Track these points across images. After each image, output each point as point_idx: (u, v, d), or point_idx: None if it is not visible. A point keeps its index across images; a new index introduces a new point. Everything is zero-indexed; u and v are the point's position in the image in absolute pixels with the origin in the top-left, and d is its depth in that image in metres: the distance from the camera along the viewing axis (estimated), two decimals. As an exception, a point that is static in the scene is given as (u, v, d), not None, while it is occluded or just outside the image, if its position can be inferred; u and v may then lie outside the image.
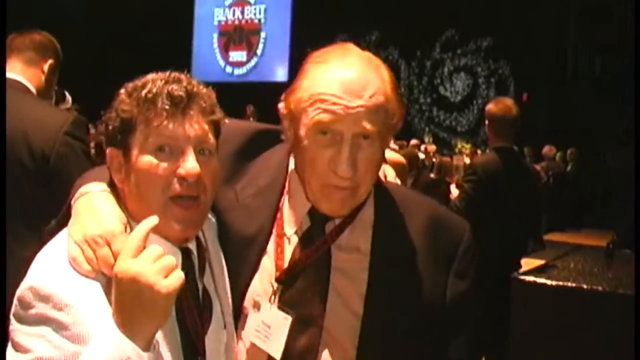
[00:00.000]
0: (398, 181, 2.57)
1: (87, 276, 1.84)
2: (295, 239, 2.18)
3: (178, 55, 23.22)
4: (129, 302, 1.75)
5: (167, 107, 1.90)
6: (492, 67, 20.04)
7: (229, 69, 24.44)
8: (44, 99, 3.80)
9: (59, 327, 1.78)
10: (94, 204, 1.96)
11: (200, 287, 2.04)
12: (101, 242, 1.85)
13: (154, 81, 1.94)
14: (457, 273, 2.22)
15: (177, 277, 1.78)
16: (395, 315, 2.13)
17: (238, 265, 2.19)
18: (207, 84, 2.04)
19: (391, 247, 2.17)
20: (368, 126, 2.00)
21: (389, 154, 5.29)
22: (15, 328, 1.84)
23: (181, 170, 1.89)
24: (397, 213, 2.22)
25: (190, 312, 1.97)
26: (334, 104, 1.99)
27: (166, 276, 1.76)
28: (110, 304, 1.84)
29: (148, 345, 1.76)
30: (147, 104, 1.89)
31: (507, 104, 6.19)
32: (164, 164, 1.90)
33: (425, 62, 21.12)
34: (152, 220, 1.83)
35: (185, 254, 2.00)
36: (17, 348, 1.82)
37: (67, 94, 6.14)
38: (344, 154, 2.00)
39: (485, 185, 5.72)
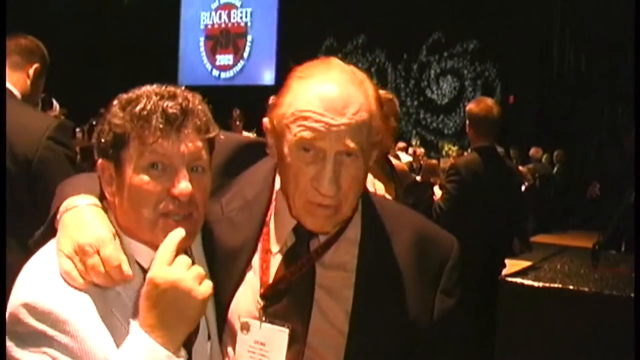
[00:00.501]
0: (379, 186, 2.54)
1: (80, 289, 1.84)
2: (280, 256, 2.17)
3: (165, 59, 23.21)
4: (165, 307, 1.78)
5: (161, 125, 1.88)
6: (478, 69, 20.09)
7: (215, 73, 24.41)
8: (29, 104, 3.78)
9: (59, 344, 1.77)
10: (81, 217, 1.94)
11: None
12: (91, 250, 1.84)
13: (148, 96, 1.92)
14: (445, 290, 2.21)
15: (209, 286, 1.83)
16: (381, 333, 2.12)
17: (222, 278, 2.18)
18: (193, 88, 2.03)
19: (377, 264, 2.15)
20: (351, 144, 1.97)
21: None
22: (12, 346, 1.83)
23: (174, 191, 1.89)
24: (384, 230, 2.20)
25: None
26: (317, 121, 1.97)
27: (200, 284, 1.81)
28: (103, 315, 1.84)
29: (178, 351, 1.79)
30: (141, 121, 1.88)
31: (488, 103, 6.20)
32: (157, 183, 1.89)
33: (412, 65, 21.15)
34: (180, 232, 1.86)
35: None
36: None
37: (54, 101, 6.12)
38: (327, 171, 1.98)
39: (468, 185, 5.73)
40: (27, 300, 1.79)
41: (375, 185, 2.45)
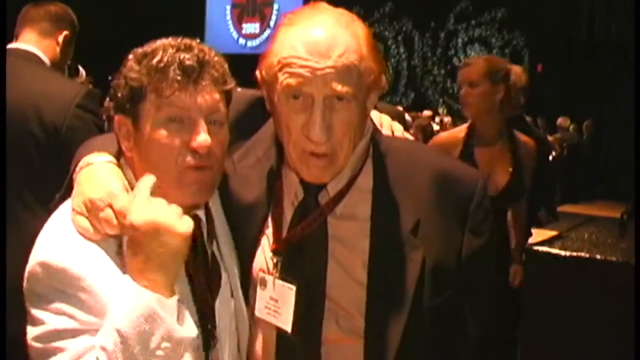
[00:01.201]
0: (397, 127, 2.44)
1: (96, 242, 1.85)
2: (290, 211, 2.17)
3: (191, 27, 23.17)
4: (147, 248, 1.77)
5: (178, 77, 1.88)
6: (506, 37, 19.89)
7: (242, 41, 24.35)
8: (57, 71, 3.80)
9: (76, 300, 1.79)
10: (94, 173, 1.95)
11: (209, 253, 2.04)
12: (102, 204, 1.85)
13: (164, 49, 1.91)
14: (472, 229, 2.13)
15: (190, 221, 1.82)
16: (401, 282, 2.09)
17: (242, 234, 2.19)
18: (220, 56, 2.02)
19: (393, 211, 2.10)
20: (339, 87, 1.93)
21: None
22: (29, 302, 1.85)
23: (193, 143, 1.89)
24: (400, 173, 2.13)
25: (199, 278, 1.97)
26: (301, 66, 1.93)
27: (181, 218, 1.81)
28: (121, 265, 1.85)
29: (170, 292, 1.78)
30: (157, 74, 1.87)
31: (516, 71, 6.14)
32: (176, 136, 1.89)
33: (439, 33, 20.96)
34: (152, 178, 1.86)
35: (194, 221, 2.00)
36: (34, 322, 1.84)
37: (80, 68, 6.13)
38: (316, 117, 1.94)
39: None
40: (42, 259, 1.81)
41: (385, 123, 2.37)
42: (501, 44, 19.99)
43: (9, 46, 3.69)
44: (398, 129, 2.37)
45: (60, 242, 1.84)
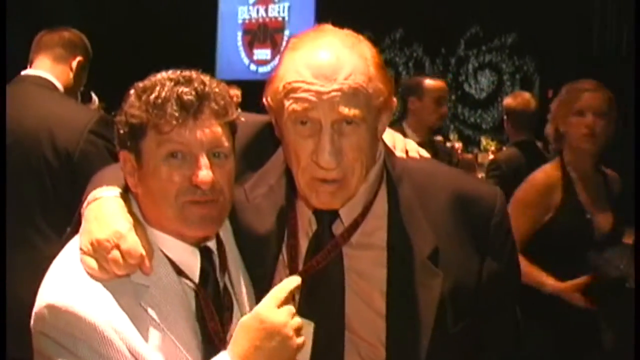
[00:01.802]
0: (411, 147, 2.38)
1: (104, 285, 1.85)
2: (305, 242, 2.15)
3: (202, 54, 23.20)
4: (262, 345, 1.85)
5: (176, 113, 1.87)
6: (517, 63, 19.80)
7: (253, 67, 24.31)
8: (70, 97, 3.81)
9: (82, 343, 1.79)
10: (102, 210, 1.95)
11: (221, 285, 2.04)
12: (109, 245, 1.85)
13: (162, 83, 1.90)
14: (492, 252, 2.10)
15: (303, 339, 1.96)
16: (421, 311, 2.06)
17: (255, 267, 2.17)
18: (231, 82, 2.01)
19: (410, 238, 2.06)
20: (346, 110, 1.90)
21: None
22: (37, 342, 1.85)
23: (195, 179, 1.88)
24: (415, 196, 2.09)
25: (210, 312, 1.97)
26: (307, 91, 1.92)
27: (298, 335, 1.93)
28: (129, 310, 1.85)
29: None
30: (156, 110, 1.87)
31: (525, 97, 6.23)
32: (177, 173, 1.89)
33: (450, 59, 20.89)
34: (296, 280, 1.97)
35: (205, 253, 2.00)
36: None
37: (93, 94, 6.14)
38: (324, 143, 1.92)
39: (510, 180, 5.67)
40: (50, 301, 1.81)
41: (398, 143, 2.32)
42: (512, 70, 19.91)
43: (24, 72, 3.74)
44: (412, 148, 2.32)
45: (67, 284, 1.84)
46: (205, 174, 1.89)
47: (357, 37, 2.06)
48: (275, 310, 1.88)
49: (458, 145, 16.39)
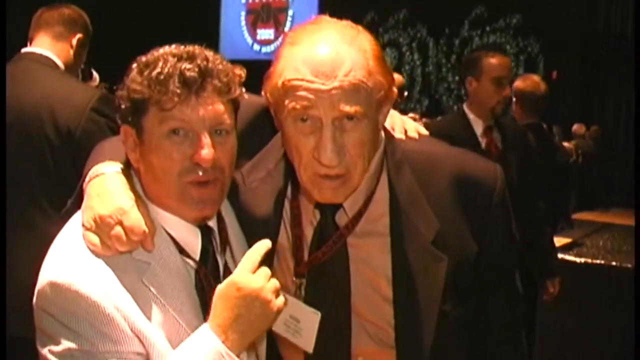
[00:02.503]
0: (410, 126, 2.33)
1: (106, 262, 1.84)
2: (310, 230, 2.14)
3: (206, 34, 23.21)
4: (242, 313, 1.81)
5: (178, 89, 1.83)
6: (521, 44, 19.78)
7: (256, 47, 24.34)
8: (71, 74, 3.80)
9: (84, 321, 1.79)
10: (104, 186, 1.92)
11: (221, 264, 2.03)
12: (112, 221, 1.83)
13: (165, 59, 1.87)
14: (492, 231, 2.12)
15: (283, 300, 1.88)
16: (427, 294, 2.07)
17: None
18: (234, 62, 1.99)
19: (413, 224, 2.05)
20: (347, 108, 1.86)
21: None
22: (39, 319, 1.85)
23: (196, 157, 1.87)
24: (416, 181, 2.08)
25: (211, 290, 1.96)
26: (306, 89, 1.88)
27: (277, 296, 1.86)
28: (132, 287, 1.84)
29: (240, 354, 1.84)
30: (158, 86, 1.84)
31: (535, 79, 6.14)
32: (179, 150, 1.87)
33: (454, 39, 20.87)
34: (267, 243, 1.92)
35: (205, 231, 1.99)
36: (45, 339, 1.85)
37: (94, 72, 6.13)
38: (326, 141, 1.89)
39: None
40: (52, 279, 1.80)
41: (397, 124, 2.29)
42: (516, 51, 19.89)
43: (24, 50, 3.71)
44: (411, 128, 2.29)
45: (69, 261, 1.83)
46: (206, 152, 1.87)
47: (356, 29, 2.01)
48: (250, 275, 1.85)
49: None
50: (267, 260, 2.11)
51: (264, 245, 1.92)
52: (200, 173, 1.89)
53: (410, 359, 2.11)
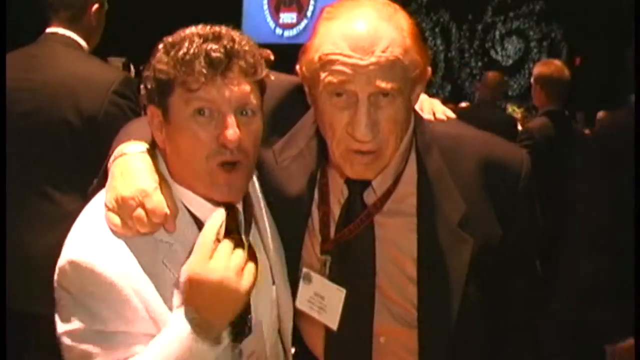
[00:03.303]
0: (438, 108, 2.34)
1: (127, 242, 1.86)
2: (337, 208, 2.15)
3: (228, 18, 23.10)
4: (209, 303, 1.80)
5: (204, 70, 1.84)
6: (544, 30, 19.62)
7: (279, 31, 24.26)
8: (93, 45, 3.80)
9: (102, 302, 1.81)
10: (128, 166, 1.94)
11: (245, 243, 2.04)
12: (134, 203, 1.85)
13: (191, 39, 1.88)
14: (517, 216, 2.14)
15: (251, 272, 1.84)
16: (452, 275, 2.08)
17: (285, 225, 2.18)
18: (258, 46, 1.99)
19: (440, 203, 2.06)
20: (383, 84, 1.88)
21: None
22: (58, 296, 1.87)
23: (222, 138, 1.87)
24: (444, 162, 2.10)
25: None
26: (343, 64, 1.89)
27: (242, 274, 1.82)
28: (152, 267, 1.86)
29: (219, 337, 1.83)
30: (184, 67, 1.84)
31: (558, 64, 6.06)
32: (205, 130, 1.87)
33: (477, 25, 20.74)
34: (220, 215, 1.88)
35: (230, 212, 2.00)
36: (62, 317, 1.88)
37: (131, 66, 6.12)
38: (361, 116, 1.90)
39: (543, 150, 5.59)
40: (73, 257, 1.82)
41: (425, 106, 2.31)
42: (539, 36, 19.74)
43: (47, 30, 3.69)
44: (439, 110, 2.30)
45: (90, 240, 1.85)
46: (232, 132, 1.87)
47: (393, 7, 2.02)
48: (207, 265, 1.79)
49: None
50: (298, 238, 2.13)
51: (217, 218, 1.89)
52: (227, 154, 1.90)
53: (431, 340, 2.13)
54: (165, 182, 1.94)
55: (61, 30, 3.73)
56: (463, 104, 15.89)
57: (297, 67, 2.06)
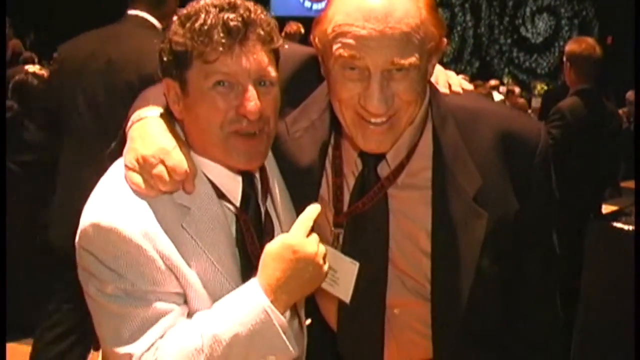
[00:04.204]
0: (454, 81, 2.31)
1: (148, 203, 1.87)
2: (351, 181, 2.14)
3: (257, -10, 23.10)
4: (294, 274, 1.87)
5: (223, 40, 1.83)
6: (576, 8, 19.41)
7: (307, 4, 24.17)
8: (166, 24, 4.12)
9: (123, 261, 1.83)
10: (147, 128, 1.95)
11: (262, 210, 2.05)
12: (154, 161, 1.85)
13: (207, 10, 1.86)
14: (532, 190, 2.11)
15: (328, 266, 1.95)
16: (466, 249, 2.07)
17: (298, 197, 2.17)
18: (285, 19, 1.98)
19: (455, 177, 2.05)
20: (397, 59, 1.86)
21: None
22: (81, 258, 1.89)
23: (242, 110, 1.87)
24: (460, 135, 2.08)
25: (250, 236, 1.99)
26: (356, 35, 1.85)
27: (325, 262, 1.93)
28: (172, 229, 1.87)
29: (284, 313, 1.89)
30: (201, 37, 1.83)
31: (590, 42, 5.96)
32: (224, 101, 1.87)
33: (508, 1, 20.57)
34: (317, 207, 1.96)
35: (246, 178, 2.00)
36: (87, 278, 1.91)
37: None
38: (373, 90, 1.88)
39: (574, 130, 5.53)
40: (94, 220, 1.84)
41: (440, 79, 2.26)
42: (570, 14, 19.54)
43: (128, 12, 4.21)
44: (455, 82, 2.27)
45: (112, 202, 1.87)
46: (253, 104, 1.87)
47: None
48: (305, 239, 1.87)
49: (517, 90, 15.95)
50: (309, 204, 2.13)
51: (315, 209, 1.94)
52: (244, 124, 1.90)
53: (445, 313, 2.13)
54: (183, 144, 1.95)
55: (140, 13, 4.18)
56: (493, 82, 15.79)
57: (311, 37, 2.05)
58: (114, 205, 1.86)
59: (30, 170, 5.63)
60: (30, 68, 7.01)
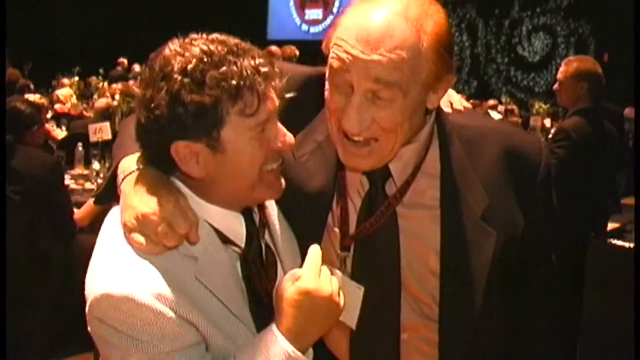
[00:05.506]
0: (455, 99, 2.27)
1: (156, 262, 1.81)
2: (358, 202, 2.12)
3: (254, 14, 23.18)
4: (314, 318, 1.86)
5: (262, 87, 1.78)
6: (572, 26, 19.48)
7: (305, 27, 24.29)
8: None
9: (142, 329, 1.78)
10: (141, 183, 1.88)
11: (263, 244, 2.03)
12: (156, 218, 1.79)
13: (230, 62, 1.76)
14: (536, 208, 2.11)
15: (342, 297, 1.93)
16: (474, 269, 2.05)
17: (303, 226, 2.14)
18: (283, 43, 1.98)
19: (463, 196, 2.04)
20: (379, 86, 1.83)
21: None
22: (99, 330, 1.84)
23: (280, 144, 1.86)
24: (466, 153, 2.07)
25: (259, 272, 1.97)
26: (346, 52, 1.84)
27: (340, 296, 1.92)
28: (185, 285, 1.83)
29: (307, 352, 1.90)
30: (240, 92, 1.77)
31: (592, 60, 5.95)
32: (262, 144, 1.82)
33: (504, 21, 20.64)
34: (319, 249, 1.95)
35: (247, 215, 1.99)
36: (107, 346, 1.85)
37: (137, 66, 6.35)
38: (351, 109, 1.86)
39: (582, 150, 5.49)
40: (104, 290, 1.77)
41: (450, 98, 2.23)
42: (567, 33, 19.60)
43: None
44: (456, 100, 2.25)
45: (119, 269, 1.81)
46: (289, 137, 1.85)
47: (427, 9, 1.90)
48: (319, 282, 1.85)
49: (516, 109, 15.92)
50: (317, 235, 2.12)
51: (319, 250, 1.93)
52: (277, 159, 1.90)
53: (452, 334, 2.11)
54: (181, 194, 1.89)
55: None
56: (492, 102, 15.80)
57: (324, 44, 2.00)
58: (122, 272, 1.79)
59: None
60: (31, 97, 7.03)
